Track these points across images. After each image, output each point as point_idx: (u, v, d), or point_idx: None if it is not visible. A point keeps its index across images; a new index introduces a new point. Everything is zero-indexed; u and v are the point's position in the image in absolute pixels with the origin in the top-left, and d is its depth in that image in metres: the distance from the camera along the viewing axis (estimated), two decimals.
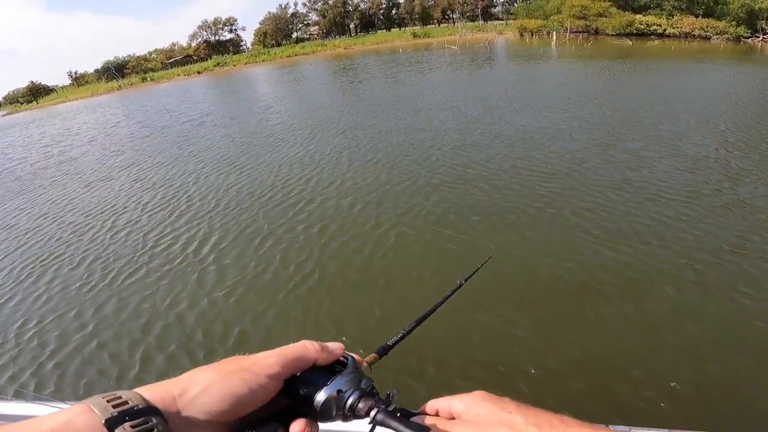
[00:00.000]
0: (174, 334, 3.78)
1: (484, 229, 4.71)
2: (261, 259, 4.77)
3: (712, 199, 4.79)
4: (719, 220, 4.35)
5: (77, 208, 7.89)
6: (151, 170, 9.68)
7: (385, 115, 11.60)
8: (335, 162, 7.95)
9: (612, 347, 2.95)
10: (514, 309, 3.40)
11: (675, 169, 5.70)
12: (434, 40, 42.92)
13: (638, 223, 4.41)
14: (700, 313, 3.15)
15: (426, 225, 4.96)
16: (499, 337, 3.15)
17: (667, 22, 29.80)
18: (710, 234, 4.10)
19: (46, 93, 65.98)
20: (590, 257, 3.95)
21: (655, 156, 6.20)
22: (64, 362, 3.67)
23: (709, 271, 3.57)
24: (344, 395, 0.42)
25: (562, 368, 2.81)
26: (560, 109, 9.67)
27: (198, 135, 13.07)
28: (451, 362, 2.99)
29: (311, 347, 0.44)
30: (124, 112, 24.33)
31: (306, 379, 0.43)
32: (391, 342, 0.56)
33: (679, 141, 6.77)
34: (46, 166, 12.63)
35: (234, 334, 3.64)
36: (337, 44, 52.86)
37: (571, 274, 3.73)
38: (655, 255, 3.85)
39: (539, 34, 37.28)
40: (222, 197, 7.00)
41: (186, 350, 3.56)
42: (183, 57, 66.16)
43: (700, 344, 2.89)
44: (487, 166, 6.56)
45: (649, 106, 9.11)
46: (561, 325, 3.20)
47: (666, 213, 4.54)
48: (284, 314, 3.83)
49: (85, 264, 5.43)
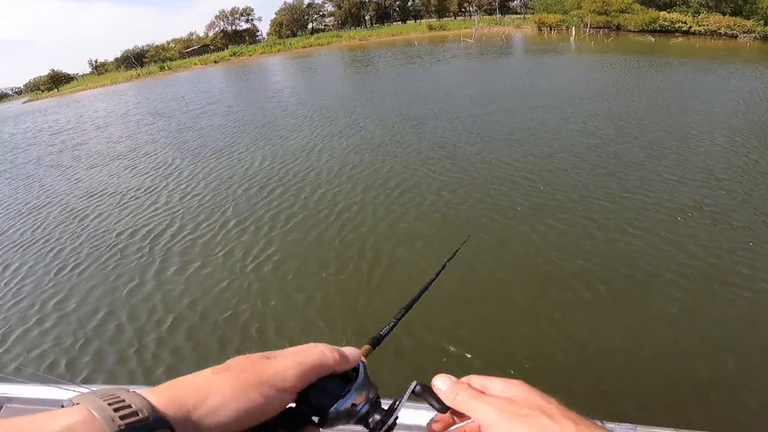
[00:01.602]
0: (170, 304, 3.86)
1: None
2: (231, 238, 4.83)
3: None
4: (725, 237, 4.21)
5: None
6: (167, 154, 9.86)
7: (387, 109, 11.53)
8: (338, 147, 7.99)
9: (615, 340, 2.91)
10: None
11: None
12: (450, 33, 42.34)
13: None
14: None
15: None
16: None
17: (692, 19, 28.79)
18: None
19: (67, 81, 67.43)
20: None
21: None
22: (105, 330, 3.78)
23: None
24: (357, 408, 0.41)
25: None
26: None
27: (205, 124, 13.22)
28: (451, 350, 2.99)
29: (330, 355, 0.41)
30: (137, 100, 24.75)
31: (321, 388, 0.41)
32: (383, 332, 0.54)
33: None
34: (49, 153, 12.98)
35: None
36: (353, 35, 52.55)
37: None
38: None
39: (558, 29, 36.41)
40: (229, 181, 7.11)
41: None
42: (200, 46, 66.79)
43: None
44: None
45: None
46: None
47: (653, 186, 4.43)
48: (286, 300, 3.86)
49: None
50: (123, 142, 12.20)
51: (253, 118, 12.55)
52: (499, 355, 2.86)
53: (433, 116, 9.65)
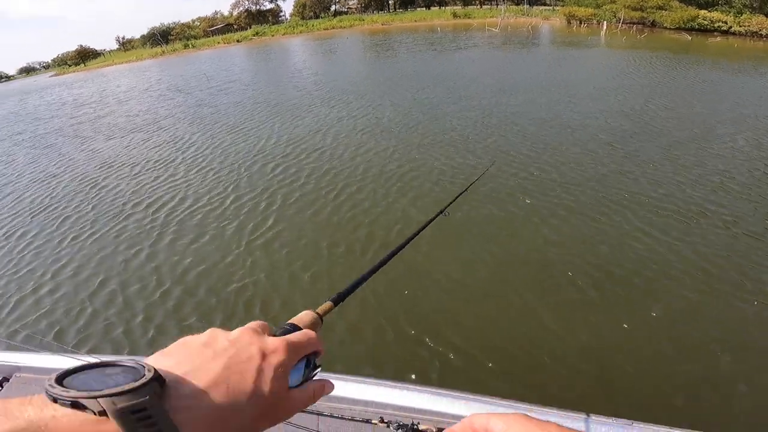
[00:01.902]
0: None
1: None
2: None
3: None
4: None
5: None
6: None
7: (403, 92, 11.36)
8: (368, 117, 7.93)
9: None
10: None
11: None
12: (474, 21, 41.23)
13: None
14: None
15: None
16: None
17: (734, 19, 27.36)
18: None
19: (94, 57, 68.80)
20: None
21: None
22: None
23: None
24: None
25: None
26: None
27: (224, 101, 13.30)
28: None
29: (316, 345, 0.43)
30: (159, 77, 25.06)
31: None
32: (346, 289, 0.54)
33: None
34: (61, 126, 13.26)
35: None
36: (375, 19, 51.80)
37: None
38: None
39: (588, 23, 35.11)
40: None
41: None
42: (224, 25, 66.97)
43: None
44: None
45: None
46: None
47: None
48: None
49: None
50: (142, 116, 12.39)
51: (269, 97, 12.57)
52: (499, 354, 2.81)
53: (448, 103, 9.46)
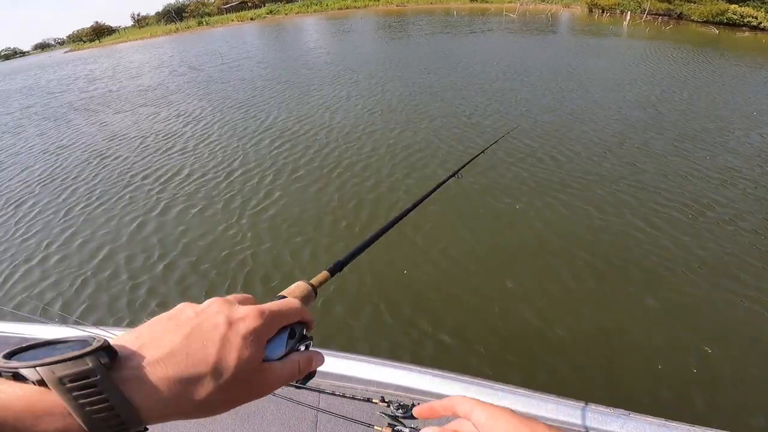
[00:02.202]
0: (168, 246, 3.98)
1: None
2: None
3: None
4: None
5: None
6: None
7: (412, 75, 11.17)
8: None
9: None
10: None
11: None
12: (492, 5, 40.04)
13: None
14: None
15: None
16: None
17: (765, 15, 26.18)
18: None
19: (109, 33, 68.91)
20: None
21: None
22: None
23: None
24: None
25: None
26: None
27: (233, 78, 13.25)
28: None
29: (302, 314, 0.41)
30: (172, 53, 25.01)
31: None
32: (343, 258, 0.53)
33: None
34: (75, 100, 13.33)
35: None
36: (391, 0, 50.72)
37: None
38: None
39: (611, 12, 33.91)
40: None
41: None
42: (239, 2, 66.15)
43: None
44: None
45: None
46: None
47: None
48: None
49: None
50: (152, 91, 12.42)
51: (279, 75, 12.49)
52: (492, 338, 2.81)
53: (455, 87, 9.29)
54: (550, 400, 1.22)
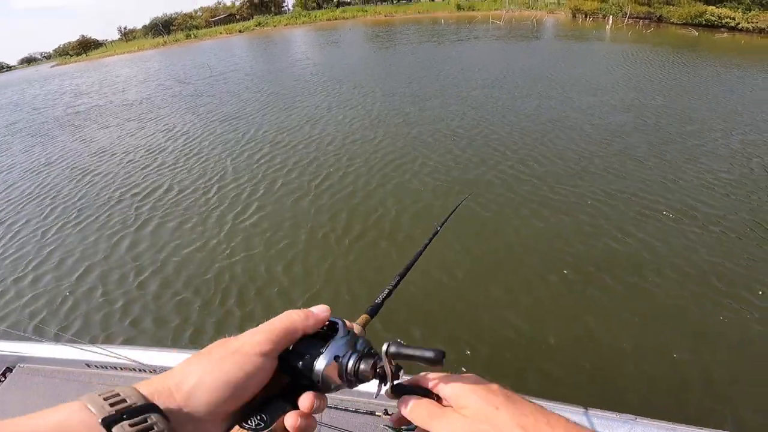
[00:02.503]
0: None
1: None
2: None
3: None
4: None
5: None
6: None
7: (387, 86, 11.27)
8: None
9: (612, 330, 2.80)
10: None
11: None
12: (479, 13, 40.74)
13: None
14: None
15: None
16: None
17: (742, 15, 26.92)
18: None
19: (96, 47, 68.49)
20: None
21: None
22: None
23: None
24: (343, 360, 0.40)
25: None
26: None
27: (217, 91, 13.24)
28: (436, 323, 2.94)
29: (297, 316, 0.42)
30: (159, 67, 24.98)
31: (300, 352, 0.41)
32: (379, 300, 0.54)
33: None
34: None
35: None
36: (378, 11, 51.25)
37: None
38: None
39: (594, 17, 34.64)
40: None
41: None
42: (226, 15, 66.52)
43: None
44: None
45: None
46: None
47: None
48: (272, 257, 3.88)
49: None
50: (137, 106, 12.36)
51: (265, 87, 12.50)
52: (485, 347, 2.79)
53: (437, 95, 9.36)
54: (548, 406, 1.19)
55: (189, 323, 3.22)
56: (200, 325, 3.19)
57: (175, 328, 3.20)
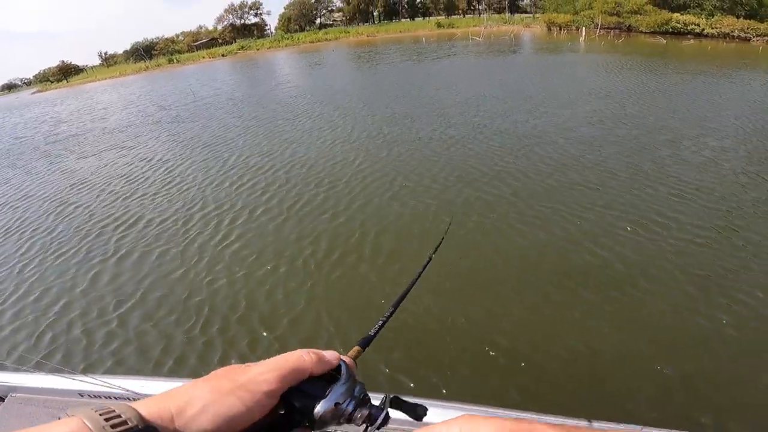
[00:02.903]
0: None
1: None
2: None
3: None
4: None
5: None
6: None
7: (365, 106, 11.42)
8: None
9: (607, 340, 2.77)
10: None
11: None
12: (458, 30, 41.94)
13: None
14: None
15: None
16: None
17: (706, 21, 28.20)
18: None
19: (76, 72, 67.77)
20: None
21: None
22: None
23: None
24: (342, 406, 0.42)
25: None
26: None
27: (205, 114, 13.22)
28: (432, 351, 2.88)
29: (308, 358, 0.43)
30: (140, 93, 24.94)
31: (303, 391, 0.42)
32: (372, 332, 0.54)
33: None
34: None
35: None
36: (361, 31, 52.41)
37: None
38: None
39: (568, 29, 35.94)
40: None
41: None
42: (209, 40, 67.06)
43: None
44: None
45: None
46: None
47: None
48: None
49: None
50: (117, 134, 12.24)
51: (246, 111, 12.55)
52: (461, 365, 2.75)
53: (415, 116, 9.49)
54: (553, 420, 1.16)
55: (171, 351, 3.15)
56: (182, 353, 3.13)
57: (157, 357, 3.13)
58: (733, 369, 2.54)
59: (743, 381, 2.45)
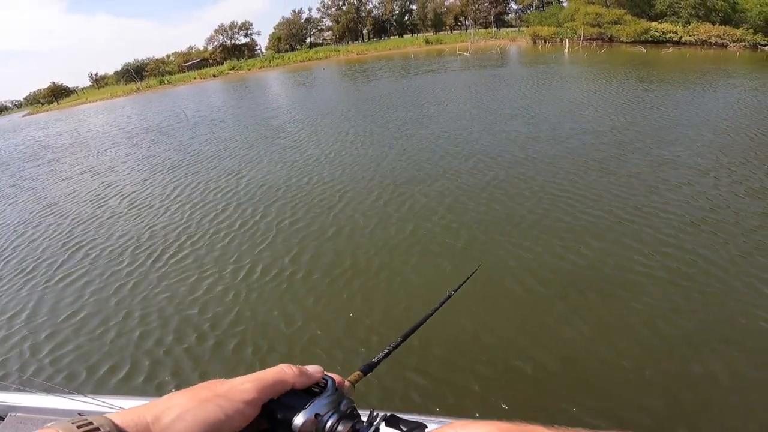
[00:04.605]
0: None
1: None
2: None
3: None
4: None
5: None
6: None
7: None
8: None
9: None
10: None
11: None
12: (446, 46, 42.93)
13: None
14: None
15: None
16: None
17: (683, 29, 29.19)
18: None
19: (67, 94, 67.39)
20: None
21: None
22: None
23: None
24: (323, 419, 0.41)
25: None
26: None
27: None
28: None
29: (289, 371, 0.44)
30: (130, 114, 24.97)
31: (284, 403, 0.42)
32: (376, 359, 0.55)
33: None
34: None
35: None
36: (350, 49, 53.33)
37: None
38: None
39: (552, 42, 36.97)
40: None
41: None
42: (200, 60, 67.65)
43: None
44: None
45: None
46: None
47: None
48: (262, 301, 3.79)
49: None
50: (103, 160, 12.15)
51: (236, 134, 12.57)
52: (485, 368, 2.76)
53: (404, 135, 9.61)
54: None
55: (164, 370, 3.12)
56: (177, 371, 3.11)
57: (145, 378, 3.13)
58: (726, 373, 2.56)
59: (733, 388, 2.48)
